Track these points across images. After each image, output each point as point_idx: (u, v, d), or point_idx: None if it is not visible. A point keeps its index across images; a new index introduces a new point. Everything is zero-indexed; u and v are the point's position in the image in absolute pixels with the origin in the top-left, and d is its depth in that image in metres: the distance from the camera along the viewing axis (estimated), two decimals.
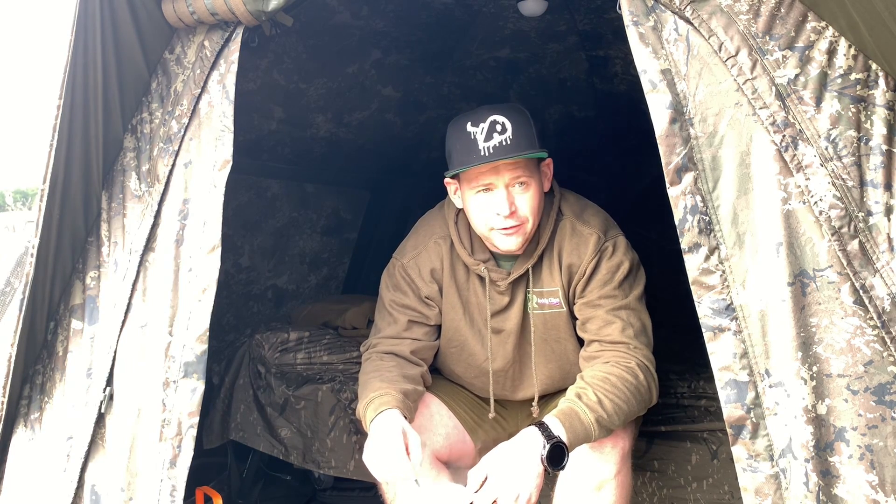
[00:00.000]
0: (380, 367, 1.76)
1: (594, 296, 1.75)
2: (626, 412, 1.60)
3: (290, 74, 2.68)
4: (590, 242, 1.77)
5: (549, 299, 1.81)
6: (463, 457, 1.89)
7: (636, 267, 1.79)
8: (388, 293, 1.90)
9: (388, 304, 1.89)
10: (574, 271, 1.78)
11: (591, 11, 2.78)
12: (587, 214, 1.83)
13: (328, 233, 3.53)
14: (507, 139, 1.65)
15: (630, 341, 1.70)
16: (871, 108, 1.33)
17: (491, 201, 1.70)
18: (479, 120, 1.68)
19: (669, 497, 2.00)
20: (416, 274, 1.87)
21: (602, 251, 1.76)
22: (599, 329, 1.73)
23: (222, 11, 1.70)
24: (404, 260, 1.90)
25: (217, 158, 1.73)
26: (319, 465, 2.36)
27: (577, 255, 1.77)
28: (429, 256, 1.87)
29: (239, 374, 2.67)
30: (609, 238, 1.78)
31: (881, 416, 1.31)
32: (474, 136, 1.67)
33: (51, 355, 1.89)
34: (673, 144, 1.41)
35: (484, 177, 1.69)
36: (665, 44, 1.43)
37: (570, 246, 1.78)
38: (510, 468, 1.47)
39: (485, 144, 1.65)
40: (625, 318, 1.72)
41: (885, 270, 1.30)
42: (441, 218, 1.92)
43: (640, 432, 2.01)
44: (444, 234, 1.88)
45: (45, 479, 1.81)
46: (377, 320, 1.93)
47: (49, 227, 1.76)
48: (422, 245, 1.89)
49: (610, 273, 1.75)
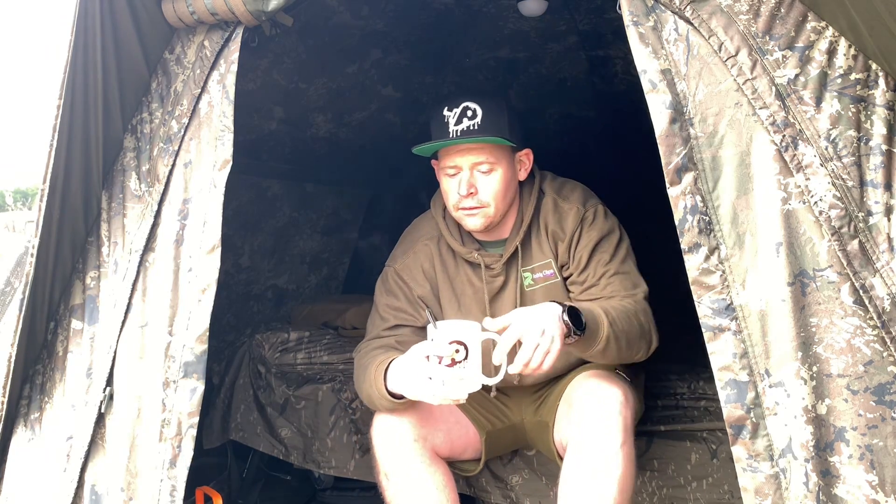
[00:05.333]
0: (374, 354, 1.82)
1: (589, 272, 1.82)
2: (629, 329, 1.66)
3: (290, 74, 2.68)
4: (570, 215, 1.87)
5: (543, 272, 1.89)
6: (468, 449, 1.90)
7: (617, 228, 1.89)
8: (382, 298, 1.98)
9: (381, 308, 1.96)
10: (559, 239, 1.87)
11: (591, 11, 2.78)
12: (566, 190, 1.93)
13: (328, 233, 3.53)
14: (476, 125, 1.76)
15: (622, 293, 1.78)
16: (871, 108, 1.33)
17: (455, 182, 1.81)
18: (453, 105, 1.79)
19: (669, 497, 2.00)
20: (409, 276, 1.95)
21: (583, 220, 1.86)
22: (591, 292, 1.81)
23: (222, 11, 1.70)
24: (396, 265, 1.98)
25: (217, 158, 1.73)
26: (319, 465, 2.36)
27: (561, 229, 1.87)
28: (417, 258, 1.96)
29: (239, 374, 2.67)
30: (588, 208, 1.87)
31: (881, 416, 1.31)
32: (447, 120, 1.79)
33: (51, 355, 1.89)
34: (673, 144, 1.41)
35: (451, 157, 1.80)
36: (665, 44, 1.43)
37: (553, 220, 1.88)
38: (533, 314, 1.52)
39: (454, 128, 1.77)
40: (615, 278, 1.80)
41: (885, 270, 1.30)
42: (427, 219, 2.02)
43: (640, 432, 2.02)
44: (431, 235, 1.97)
45: (45, 479, 1.81)
46: (368, 326, 1.99)
47: (49, 227, 1.76)
48: (410, 248, 1.98)
49: (593, 240, 1.84)
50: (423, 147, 1.82)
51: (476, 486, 2.11)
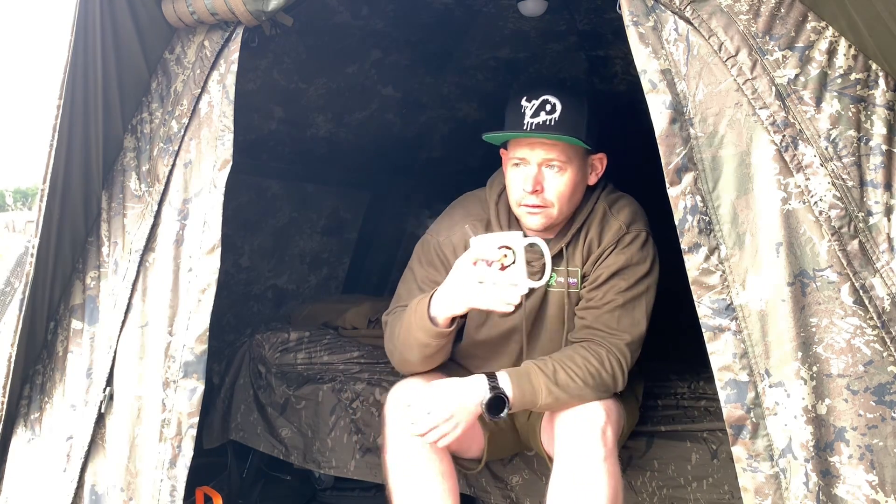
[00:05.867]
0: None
1: (598, 293, 1.78)
2: (580, 389, 1.68)
3: (290, 74, 2.68)
4: (612, 231, 1.81)
5: (569, 279, 1.85)
6: (472, 446, 1.90)
7: (649, 261, 1.82)
8: (421, 269, 1.93)
9: (419, 279, 1.92)
10: (593, 250, 1.82)
11: (591, 11, 2.78)
12: (619, 204, 1.87)
13: (328, 233, 3.53)
14: (553, 120, 1.68)
15: (612, 332, 1.75)
16: (871, 108, 1.33)
17: (521, 175, 1.74)
18: (533, 96, 1.72)
19: (669, 497, 1.99)
20: (451, 251, 1.89)
21: (619, 241, 1.80)
22: (591, 312, 1.79)
23: (222, 11, 1.70)
24: (440, 237, 1.92)
25: (217, 158, 1.73)
26: (320, 465, 2.36)
27: (599, 241, 1.82)
28: (463, 236, 1.89)
29: (239, 374, 2.67)
30: (631, 231, 1.82)
31: (881, 416, 1.31)
32: (524, 110, 1.71)
33: (51, 355, 1.89)
34: (673, 144, 1.41)
35: (521, 149, 1.73)
36: (665, 44, 1.43)
37: (595, 230, 1.83)
38: (453, 395, 1.64)
39: (530, 120, 1.70)
40: (616, 311, 1.76)
41: (885, 270, 1.30)
42: (479, 199, 1.95)
43: (640, 432, 2.02)
44: (479, 217, 1.91)
45: (45, 479, 1.81)
46: (401, 289, 1.95)
47: (49, 227, 1.76)
48: (457, 225, 1.91)
49: (619, 264, 1.78)
50: (495, 135, 1.75)
51: (476, 486, 2.11)
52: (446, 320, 1.71)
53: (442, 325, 1.71)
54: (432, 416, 1.62)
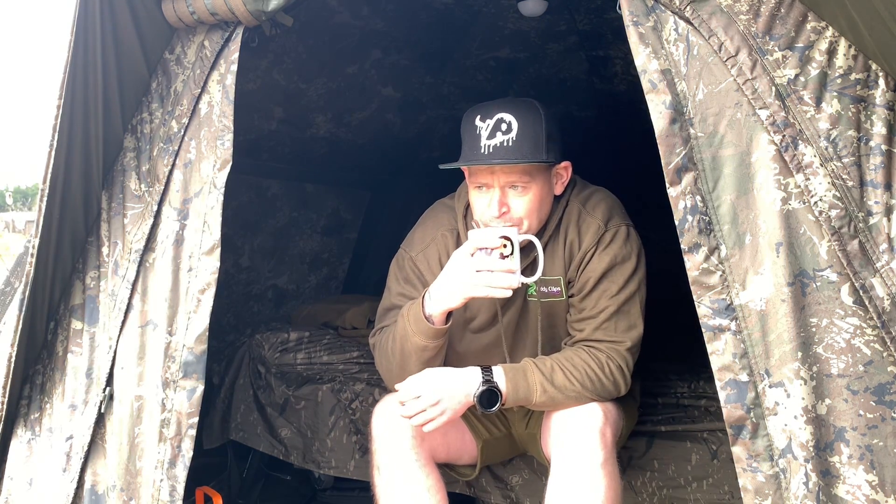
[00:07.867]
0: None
1: (590, 302, 1.75)
2: (577, 392, 1.67)
3: (290, 74, 2.68)
4: (590, 231, 1.77)
5: (550, 288, 1.81)
6: (464, 455, 1.89)
7: (634, 255, 1.78)
8: (397, 285, 1.91)
9: (395, 297, 1.90)
10: (574, 255, 1.79)
11: (591, 11, 2.78)
12: (592, 201, 1.82)
13: (328, 233, 3.53)
14: (510, 140, 1.64)
15: (609, 339, 1.72)
16: (871, 108, 1.33)
17: (485, 199, 1.71)
18: (487, 115, 1.68)
19: (669, 497, 1.99)
20: (426, 267, 1.87)
21: (600, 241, 1.76)
22: (587, 324, 1.75)
23: (222, 11, 1.70)
24: (413, 253, 1.90)
25: (217, 158, 1.73)
26: (319, 465, 2.36)
27: (578, 243, 1.78)
28: (437, 249, 1.87)
29: (239, 374, 2.67)
30: (610, 228, 1.77)
31: (881, 416, 1.31)
32: (479, 132, 1.67)
33: (51, 355, 1.89)
34: (673, 144, 1.41)
35: (481, 175, 1.70)
36: (665, 44, 1.43)
37: (573, 231, 1.79)
38: (445, 383, 1.66)
39: (486, 142, 1.65)
40: (612, 318, 1.73)
41: (885, 270, 1.30)
42: (450, 210, 1.92)
43: (640, 432, 2.02)
44: (451, 227, 1.89)
45: (45, 479, 1.82)
46: (381, 312, 1.93)
47: (49, 227, 1.76)
48: (430, 237, 1.89)
49: (604, 266, 1.74)
50: (453, 165, 1.72)
51: (476, 486, 2.11)
52: (442, 317, 1.69)
53: (438, 323, 1.70)
54: (420, 400, 1.63)
